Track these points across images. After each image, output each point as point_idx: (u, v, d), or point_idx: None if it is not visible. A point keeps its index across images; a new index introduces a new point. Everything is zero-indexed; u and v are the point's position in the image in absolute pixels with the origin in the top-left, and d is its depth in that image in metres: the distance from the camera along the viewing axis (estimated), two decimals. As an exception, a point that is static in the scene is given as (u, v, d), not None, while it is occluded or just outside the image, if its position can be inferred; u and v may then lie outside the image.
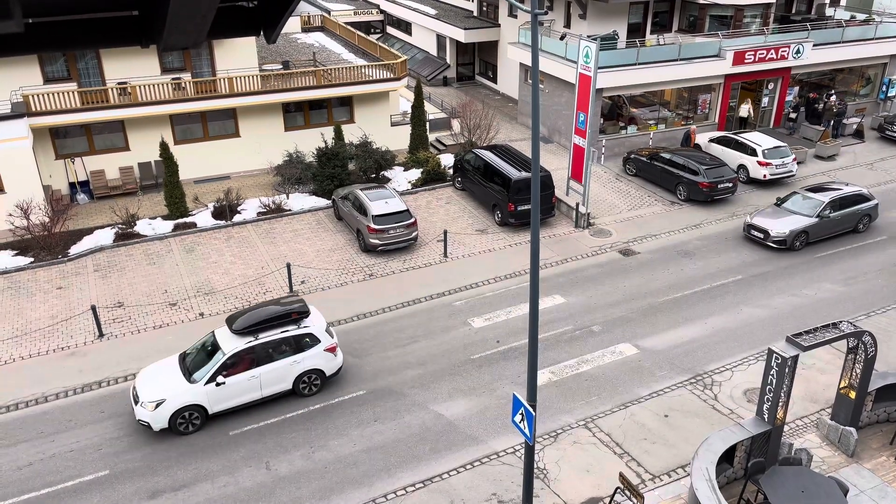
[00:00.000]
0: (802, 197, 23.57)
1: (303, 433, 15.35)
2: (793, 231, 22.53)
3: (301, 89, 27.65)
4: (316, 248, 23.05)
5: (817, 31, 32.59)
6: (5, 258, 21.92)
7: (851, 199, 23.45)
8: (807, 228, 22.67)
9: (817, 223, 22.79)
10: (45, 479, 14.15)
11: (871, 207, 23.76)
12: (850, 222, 23.42)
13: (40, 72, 25.03)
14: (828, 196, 23.20)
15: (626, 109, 31.15)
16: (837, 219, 23.11)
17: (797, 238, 22.53)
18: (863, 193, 23.72)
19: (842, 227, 23.33)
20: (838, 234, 23.44)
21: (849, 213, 23.33)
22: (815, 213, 22.83)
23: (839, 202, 23.21)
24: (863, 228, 23.72)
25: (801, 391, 16.37)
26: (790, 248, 22.56)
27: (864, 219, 23.69)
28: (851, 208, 23.37)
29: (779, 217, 23.17)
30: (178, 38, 3.63)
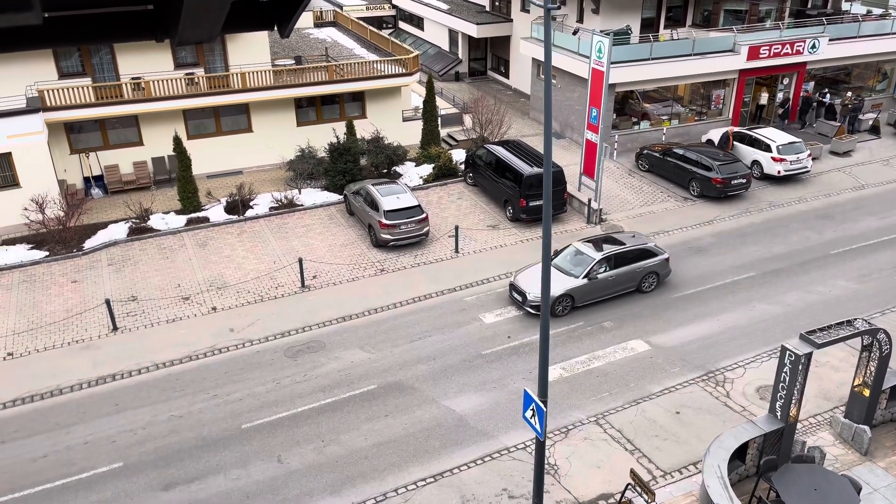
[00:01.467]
0: (575, 252, 20.04)
1: (314, 427, 15.43)
2: (552, 295, 17.52)
3: (313, 84, 27.69)
4: (328, 243, 23.12)
5: (833, 26, 32.24)
6: (21, 252, 22.14)
7: (633, 255, 19.96)
8: (571, 292, 19.01)
9: (585, 286, 19.20)
10: (59, 471, 14.31)
11: (658, 264, 20.12)
12: (630, 282, 19.90)
13: (55, 67, 25.22)
14: (601, 253, 19.64)
15: (638, 104, 30.97)
16: (612, 279, 19.52)
17: (558, 303, 18.86)
18: (647, 248, 20.20)
19: (619, 287, 19.82)
20: (621, 294, 20.05)
21: (628, 272, 19.76)
22: (583, 273, 19.25)
23: (615, 259, 19.72)
24: (648, 288, 20.12)
25: (815, 389, 16.27)
26: (553, 315, 18.73)
27: (648, 277, 20.05)
28: (631, 266, 19.81)
29: None
30: (192, 33, 3.65)
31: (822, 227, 24.19)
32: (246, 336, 18.49)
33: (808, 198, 26.44)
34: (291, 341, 18.30)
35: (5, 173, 23.03)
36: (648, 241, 20.75)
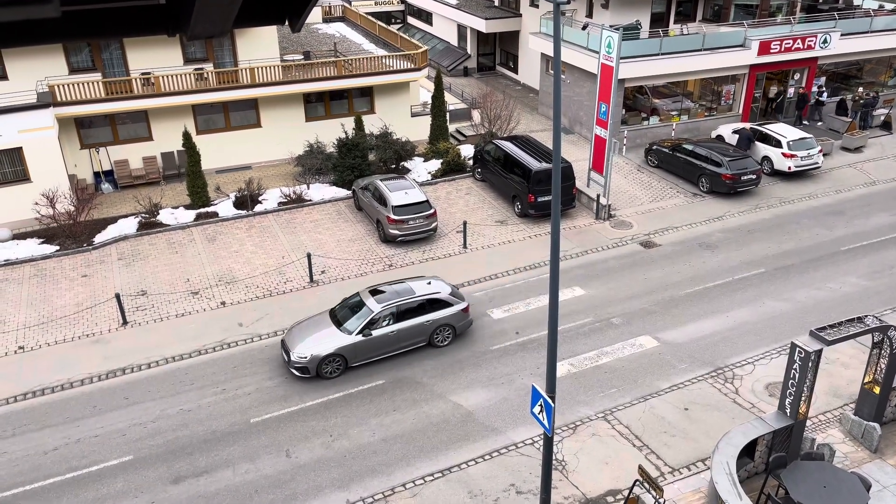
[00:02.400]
0: (357, 302, 17.59)
1: (322, 422, 15.48)
2: (315, 356, 16.29)
3: (322, 80, 27.72)
4: (336, 239, 23.15)
5: (845, 21, 32.00)
6: (32, 246, 22.27)
7: (421, 306, 17.40)
8: (342, 351, 16.52)
9: (359, 343, 16.65)
10: (70, 464, 14.42)
11: (453, 315, 17.57)
12: (418, 336, 17.38)
13: (66, 62, 25.33)
14: (381, 305, 17.10)
15: (647, 99, 30.84)
16: (393, 335, 16.96)
17: (326, 364, 16.43)
18: (440, 298, 17.62)
19: (404, 344, 17.26)
20: (408, 351, 17.58)
21: (414, 327, 17.21)
22: (359, 328, 16.76)
23: (398, 312, 17.17)
24: (442, 343, 17.61)
25: (825, 386, 16.19)
26: (319, 377, 16.54)
27: (441, 331, 17.54)
28: (419, 319, 17.27)
29: (310, 333, 16.86)
30: (204, 27, 3.65)
31: (832, 224, 24.04)
32: (255, 331, 18.55)
33: (818, 194, 26.28)
34: (300, 336, 18.33)
35: (16, 168, 23.16)
36: (447, 288, 18.06)
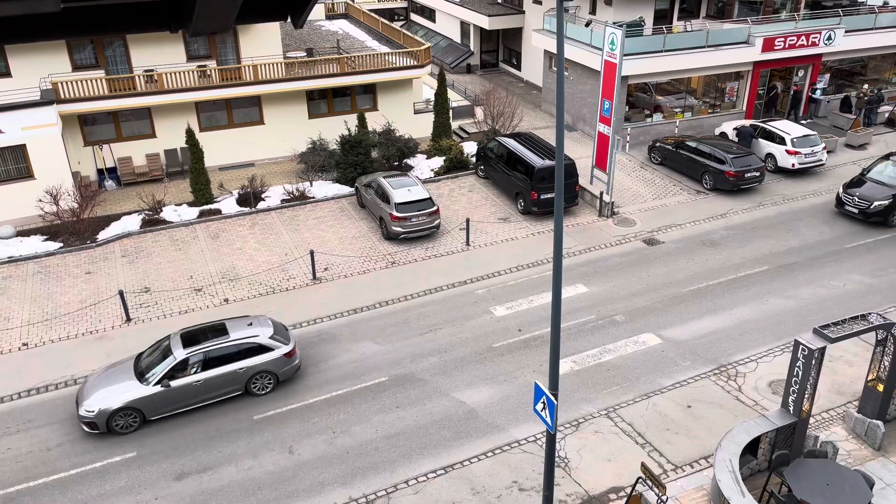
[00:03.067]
0: (165, 348, 15.86)
1: (325, 418, 15.50)
2: (105, 410, 14.67)
3: (325, 77, 27.71)
4: (339, 236, 23.16)
5: (849, 18, 31.88)
6: (35, 243, 22.32)
7: (235, 351, 15.67)
8: (137, 404, 14.90)
9: (158, 395, 15.03)
10: (73, 460, 14.45)
11: (273, 361, 15.91)
12: (231, 385, 15.72)
13: (69, 59, 25.35)
14: (185, 351, 15.40)
15: (651, 96, 30.77)
16: (199, 385, 15.31)
17: (118, 418, 14.82)
18: (258, 342, 15.87)
19: (215, 394, 15.63)
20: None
21: (226, 375, 15.53)
22: (158, 377, 15.12)
23: (207, 359, 15.44)
24: (261, 391, 16.03)
25: (828, 383, 16.16)
26: (111, 432, 14.97)
27: (259, 378, 15.91)
28: (232, 366, 15.57)
29: (107, 382, 15.31)
30: (206, 23, 3.65)
31: (835, 222, 23.97)
32: (258, 327, 18.55)
33: (822, 191, 26.20)
34: (303, 333, 18.36)
35: (20, 165, 23.20)
36: (268, 330, 16.28)
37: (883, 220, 23.22)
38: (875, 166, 24.43)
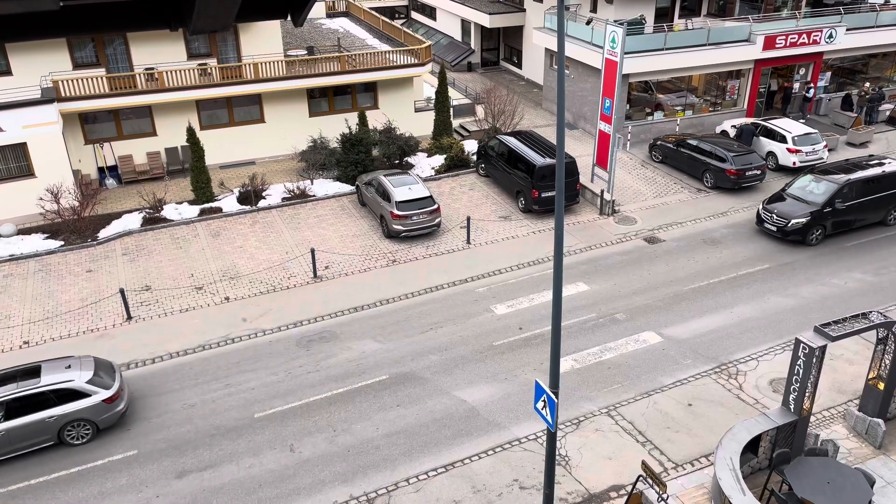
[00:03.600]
0: None
1: (326, 417, 15.51)
2: None
3: (325, 75, 27.70)
4: (340, 234, 23.16)
5: (851, 16, 31.83)
6: (36, 241, 22.34)
7: (42, 398, 14.23)
8: None
9: None
10: (74, 458, 14.46)
11: (91, 408, 14.46)
12: (39, 436, 14.25)
13: (70, 57, 25.35)
14: None
15: (652, 94, 30.75)
16: (1, 436, 13.88)
17: None
18: (72, 387, 14.46)
19: (21, 445, 14.19)
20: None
21: (31, 424, 14.09)
22: None
23: (9, 407, 13.98)
24: (77, 440, 14.55)
25: (829, 382, 16.16)
26: None
27: (74, 427, 14.46)
28: (39, 415, 14.14)
29: None
30: (206, 21, 3.65)
31: (837, 219, 23.94)
32: (258, 326, 18.58)
33: (823, 189, 26.15)
34: (304, 331, 18.38)
35: (21, 163, 23.21)
36: (87, 373, 14.82)
37: (801, 240, 21.93)
38: (797, 181, 23.13)
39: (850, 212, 22.13)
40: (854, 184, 22.10)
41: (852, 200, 21.99)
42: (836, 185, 21.90)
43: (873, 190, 22.32)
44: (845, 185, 21.93)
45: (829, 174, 22.64)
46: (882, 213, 22.77)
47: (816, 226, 21.85)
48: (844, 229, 22.51)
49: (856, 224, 22.51)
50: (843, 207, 21.82)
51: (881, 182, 22.44)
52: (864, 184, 22.26)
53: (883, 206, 22.67)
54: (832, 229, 22.21)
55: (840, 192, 21.81)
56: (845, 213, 22.08)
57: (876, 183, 22.38)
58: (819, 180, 22.57)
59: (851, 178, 22.21)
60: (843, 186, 21.87)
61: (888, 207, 22.78)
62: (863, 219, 22.55)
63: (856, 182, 22.14)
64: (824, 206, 21.79)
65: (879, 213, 22.77)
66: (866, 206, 22.36)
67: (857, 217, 22.38)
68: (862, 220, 22.54)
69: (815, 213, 21.79)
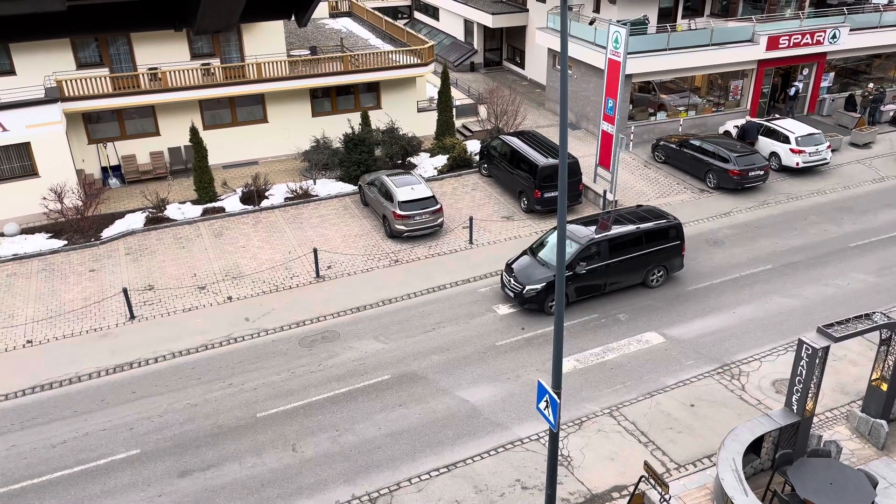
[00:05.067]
0: None
1: (329, 416, 15.52)
2: None
3: (328, 75, 27.72)
4: (342, 234, 23.18)
5: (854, 16, 31.79)
6: (40, 241, 22.38)
7: None
8: None
9: None
10: (77, 457, 14.50)
11: None
12: None
13: (73, 57, 25.41)
14: None
15: (655, 95, 30.73)
16: None
17: None
18: None
19: None
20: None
21: None
22: None
23: None
24: None
25: (832, 383, 16.13)
26: None
27: None
28: None
29: None
30: (211, 21, 3.66)
31: (840, 220, 23.92)
32: (261, 325, 18.60)
33: (826, 190, 26.15)
34: (306, 331, 18.39)
35: (24, 163, 23.26)
36: None
37: (538, 308, 18.62)
38: (545, 237, 19.83)
39: (598, 275, 18.93)
40: (601, 243, 18.91)
41: (601, 262, 18.87)
42: (578, 246, 18.64)
43: (627, 249, 19.17)
44: (590, 246, 18.78)
45: (577, 231, 19.30)
46: (640, 273, 19.53)
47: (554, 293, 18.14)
48: (594, 294, 19.28)
49: (608, 288, 19.31)
50: (584, 272, 18.58)
51: (636, 240, 19.30)
52: (615, 243, 19.10)
53: (640, 266, 19.41)
54: (576, 295, 18.91)
55: (583, 254, 18.62)
56: (591, 277, 18.86)
57: (630, 241, 19.25)
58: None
59: (596, 237, 19.00)
60: (586, 247, 18.70)
61: (647, 267, 19.51)
62: (616, 282, 19.35)
63: (602, 242, 18.95)
64: None
65: (637, 275, 19.56)
66: (618, 268, 19.15)
67: (606, 281, 19.16)
68: (615, 283, 19.34)
69: None
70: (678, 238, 19.82)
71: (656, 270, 19.85)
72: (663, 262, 19.84)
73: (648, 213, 20.37)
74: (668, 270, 20.03)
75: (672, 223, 19.88)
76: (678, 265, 20.13)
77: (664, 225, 19.82)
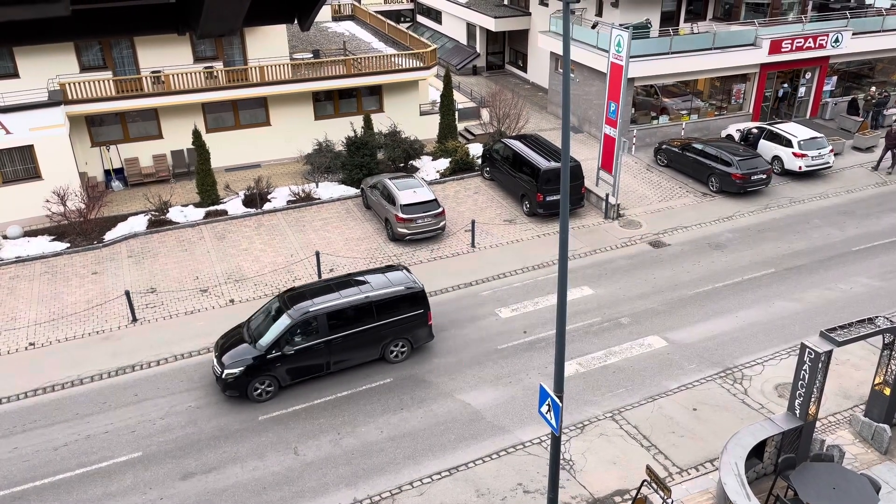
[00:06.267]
0: None
1: (330, 419, 15.51)
2: None
3: (331, 78, 27.77)
4: (344, 237, 23.19)
5: (857, 20, 31.78)
6: (43, 243, 22.42)
7: None
8: None
9: None
10: (79, 460, 14.50)
11: None
12: None
13: (77, 60, 25.47)
14: None
15: (657, 98, 30.73)
16: None
17: None
18: None
19: None
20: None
21: None
22: None
23: None
24: None
25: (834, 387, 16.10)
26: None
27: None
28: None
29: None
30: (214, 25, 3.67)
31: (843, 224, 23.89)
32: (263, 328, 18.58)
33: (829, 194, 26.12)
34: (308, 334, 18.37)
35: (27, 165, 23.31)
36: None
37: (243, 395, 15.87)
38: (273, 304, 16.94)
39: (315, 354, 16.16)
40: (318, 317, 16.14)
41: (319, 339, 16.11)
42: (289, 322, 15.94)
43: (353, 323, 16.44)
44: (305, 321, 16.06)
45: (297, 300, 16.55)
46: (376, 348, 16.84)
47: (261, 376, 15.74)
48: (315, 375, 16.40)
49: (333, 367, 16.53)
50: (293, 353, 15.85)
51: (365, 312, 16.51)
52: (337, 316, 16.32)
53: (372, 341, 16.70)
54: (290, 378, 16.10)
55: (295, 331, 15.97)
56: (306, 357, 16.06)
57: (357, 314, 16.48)
58: (279, 311, 16.42)
59: (312, 311, 16.11)
60: (300, 323, 16.00)
61: (383, 342, 16.84)
62: (343, 360, 16.56)
63: (320, 316, 16.15)
64: (269, 350, 15.72)
65: (371, 350, 16.82)
66: (343, 345, 16.37)
67: (329, 360, 16.38)
68: (342, 361, 16.56)
69: (257, 360, 15.70)
70: (421, 306, 17.04)
71: (396, 344, 16.99)
72: (404, 335, 16.97)
73: (389, 280, 17.26)
74: (412, 343, 17.18)
75: (412, 290, 17.00)
76: (424, 336, 17.28)
77: (402, 293, 16.91)
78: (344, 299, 16.54)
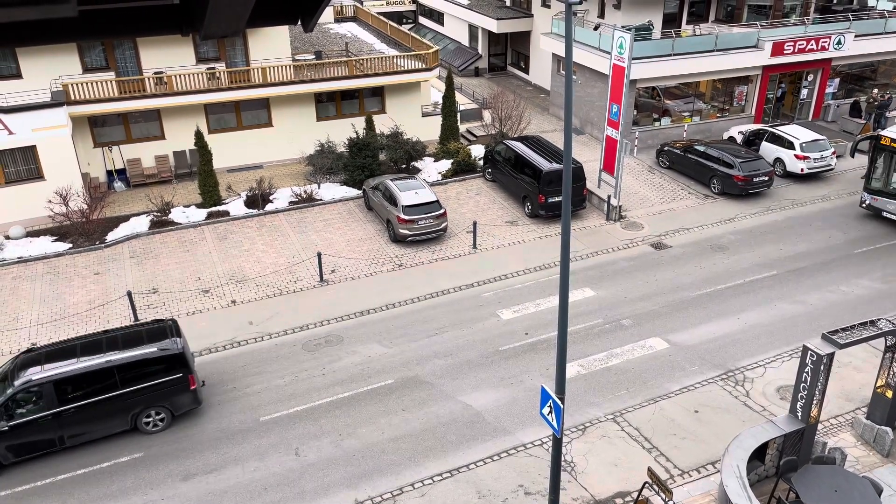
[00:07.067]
0: None
1: (331, 421, 15.51)
2: None
3: (333, 79, 27.80)
4: (346, 238, 23.20)
5: (859, 22, 31.78)
6: (45, 244, 22.45)
7: None
8: None
9: None
10: (81, 461, 14.50)
11: None
12: None
13: (80, 61, 25.51)
14: None
15: (659, 100, 30.73)
16: None
17: None
18: None
19: None
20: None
21: None
22: None
23: None
24: None
25: (836, 389, 16.07)
26: None
27: None
28: None
29: None
30: (218, 26, 3.68)
31: (845, 226, 23.86)
32: (265, 329, 18.62)
33: (831, 196, 26.10)
34: (310, 335, 18.40)
35: (30, 166, 23.34)
36: None
37: None
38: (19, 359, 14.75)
39: (43, 429, 14.13)
40: (42, 387, 14.00)
41: (46, 411, 14.04)
42: (8, 391, 13.95)
43: (89, 392, 14.33)
44: (20, 390, 13.93)
45: (29, 364, 14.38)
46: (124, 419, 14.74)
47: None
48: (50, 450, 14.36)
49: (69, 442, 14.43)
50: (7, 429, 13.80)
51: (104, 378, 14.40)
52: (67, 385, 14.18)
53: (118, 411, 14.60)
54: (13, 456, 14.06)
55: (16, 402, 13.95)
56: (29, 433, 14.04)
57: (93, 381, 14.36)
58: (4, 377, 14.37)
59: (35, 379, 14.00)
60: (14, 394, 13.89)
61: (132, 411, 14.73)
62: (80, 434, 14.44)
63: (45, 384, 14.00)
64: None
65: (118, 421, 14.73)
66: (78, 418, 14.27)
67: (62, 434, 14.30)
68: (79, 435, 14.44)
69: None
70: (179, 370, 14.90)
71: (150, 414, 14.88)
72: (159, 403, 14.84)
73: (145, 339, 15.14)
74: (171, 411, 15.05)
75: (167, 353, 14.82)
76: (187, 402, 15.17)
77: (154, 355, 14.73)
78: (78, 364, 14.27)
